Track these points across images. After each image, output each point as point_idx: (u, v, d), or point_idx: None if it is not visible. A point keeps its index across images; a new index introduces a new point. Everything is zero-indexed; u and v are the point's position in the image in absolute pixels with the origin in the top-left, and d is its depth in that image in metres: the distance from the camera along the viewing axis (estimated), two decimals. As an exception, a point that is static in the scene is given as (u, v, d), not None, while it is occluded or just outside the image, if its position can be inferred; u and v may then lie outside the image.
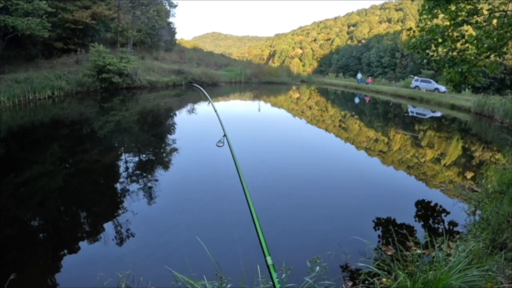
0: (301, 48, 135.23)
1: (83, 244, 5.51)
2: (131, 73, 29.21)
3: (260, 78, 48.83)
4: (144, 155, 10.83)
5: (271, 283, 3.41)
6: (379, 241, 5.65)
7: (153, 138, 13.60)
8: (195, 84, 31.62)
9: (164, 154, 11.17)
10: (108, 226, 6.09)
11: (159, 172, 9.16)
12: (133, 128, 15.55)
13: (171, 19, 50.05)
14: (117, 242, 5.50)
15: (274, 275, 1.33)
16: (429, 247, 4.15)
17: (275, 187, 8.38)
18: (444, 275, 3.28)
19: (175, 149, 11.48)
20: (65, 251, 5.33)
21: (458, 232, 5.88)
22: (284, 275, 3.49)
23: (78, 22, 28.71)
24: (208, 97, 22.34)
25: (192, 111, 22.00)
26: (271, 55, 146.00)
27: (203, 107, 24.14)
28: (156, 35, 41.83)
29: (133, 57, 30.18)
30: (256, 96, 34.88)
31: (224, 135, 9.73)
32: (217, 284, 3.20)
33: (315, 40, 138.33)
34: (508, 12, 9.75)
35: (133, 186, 7.98)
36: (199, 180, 8.73)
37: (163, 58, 42.56)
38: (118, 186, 8.08)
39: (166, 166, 9.75)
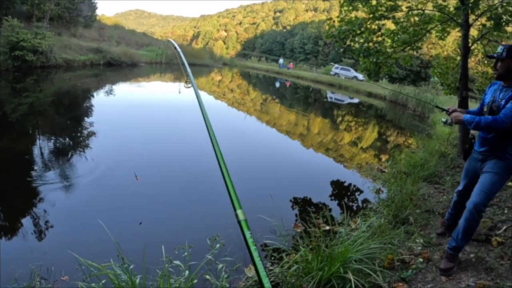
0: (226, 30, 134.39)
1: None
2: (46, 50, 26.86)
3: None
4: (60, 140, 10.12)
5: (177, 260, 3.43)
6: (295, 220, 5.90)
7: (69, 122, 12.75)
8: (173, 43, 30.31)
9: (82, 139, 10.52)
10: (20, 217, 5.67)
11: (77, 158, 8.58)
12: (48, 110, 14.67)
13: (92, -7, 47.84)
14: (29, 233, 5.08)
15: (247, 233, 1.27)
16: (335, 224, 4.41)
17: (186, 169, 8.37)
18: (344, 248, 3.45)
19: (93, 133, 10.86)
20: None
21: (367, 209, 6.25)
22: (186, 253, 3.54)
23: (-10, -8, 26.30)
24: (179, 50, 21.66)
25: (110, 92, 21.18)
26: (195, 36, 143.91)
27: (122, 88, 23.55)
28: (75, 10, 39.12)
29: (49, 33, 27.57)
30: (177, 77, 34.35)
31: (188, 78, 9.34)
32: (118, 265, 3.19)
33: (240, 23, 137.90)
34: (426, 11, 10.36)
35: (48, 174, 7.37)
36: (112, 165, 8.47)
37: (81, 35, 40.07)
38: (32, 174, 7.48)
39: (83, 150, 9.19)
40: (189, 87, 3.47)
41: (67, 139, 10.34)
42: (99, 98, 18.59)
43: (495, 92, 3.70)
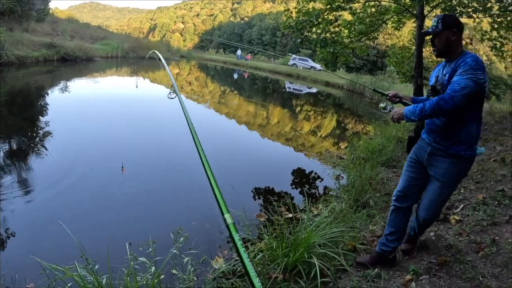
0: (183, 22, 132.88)
1: None
2: (-3, 47, 25.24)
3: (138, 53, 46.24)
4: (15, 142, 9.53)
5: (142, 257, 3.38)
6: (260, 210, 5.93)
7: (24, 122, 12.14)
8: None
9: (38, 139, 9.85)
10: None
11: (34, 159, 8.11)
12: (1, 111, 14.04)
13: (44, -15, 45.94)
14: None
15: (236, 236, 1.23)
16: (298, 211, 4.47)
17: (145, 166, 8.22)
18: (307, 234, 3.51)
19: (49, 133, 10.27)
20: None
21: (328, 196, 6.35)
22: (150, 249, 3.52)
23: None
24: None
25: (66, 89, 20.33)
26: (152, 29, 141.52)
27: (78, 84, 22.89)
28: (28, 3, 37.61)
29: (0, 29, 26.10)
30: (134, 71, 33.69)
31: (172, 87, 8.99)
32: (83, 266, 3.14)
33: (198, 15, 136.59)
34: (382, 3, 10.58)
35: (4, 179, 7.11)
36: (70, 166, 8.20)
37: (34, 29, 37.94)
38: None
39: (40, 152, 8.72)
40: (173, 98, 3.45)
41: (23, 140, 9.91)
42: (54, 96, 17.85)
43: (439, 71, 3.21)
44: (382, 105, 3.90)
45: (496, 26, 9.92)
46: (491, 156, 6.99)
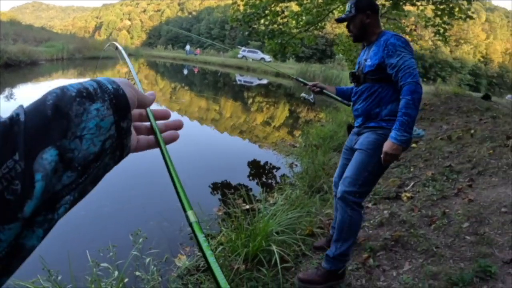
0: (129, 19, 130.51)
1: None
2: None
3: (85, 53, 44.55)
4: None
5: (104, 262, 3.33)
6: (219, 204, 5.96)
7: None
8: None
9: None
10: None
11: None
12: None
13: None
14: None
15: (201, 236, 1.10)
16: (253, 202, 4.53)
17: None
18: (263, 223, 3.56)
19: None
20: None
21: (282, 184, 6.43)
22: (111, 253, 3.49)
23: None
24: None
25: (11, 97, 19.50)
26: (98, 28, 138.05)
27: (23, 90, 22.17)
28: None
29: None
30: (81, 73, 32.75)
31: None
32: (46, 278, 3.08)
33: (144, 11, 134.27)
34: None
35: None
36: None
37: None
38: None
39: None
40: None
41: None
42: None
43: (361, 57, 3.12)
44: (303, 94, 3.95)
45: (439, 13, 10.31)
46: (438, 135, 7.30)
